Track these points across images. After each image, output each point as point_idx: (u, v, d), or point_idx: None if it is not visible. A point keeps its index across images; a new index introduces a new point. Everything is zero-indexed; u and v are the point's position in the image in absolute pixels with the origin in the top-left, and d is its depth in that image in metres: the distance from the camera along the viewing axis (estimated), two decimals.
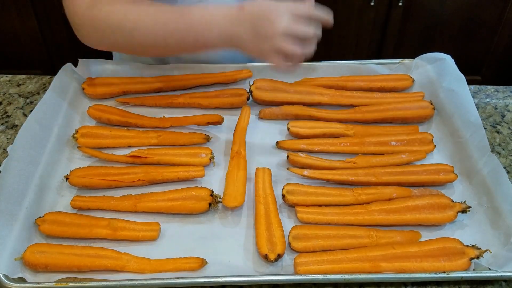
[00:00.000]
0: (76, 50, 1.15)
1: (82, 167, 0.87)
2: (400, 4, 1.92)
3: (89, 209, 0.81)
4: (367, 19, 2.00)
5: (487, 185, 0.82)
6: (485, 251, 0.72)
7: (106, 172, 0.85)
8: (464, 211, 0.78)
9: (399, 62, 1.07)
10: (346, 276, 0.69)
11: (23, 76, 1.11)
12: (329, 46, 2.10)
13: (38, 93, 1.06)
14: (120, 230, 0.77)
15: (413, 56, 1.08)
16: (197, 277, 0.70)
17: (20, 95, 1.06)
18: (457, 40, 2.06)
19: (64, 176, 0.84)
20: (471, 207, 0.79)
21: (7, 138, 0.95)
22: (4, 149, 0.93)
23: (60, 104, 0.95)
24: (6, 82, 1.10)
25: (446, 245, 0.73)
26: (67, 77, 1.00)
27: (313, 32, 0.78)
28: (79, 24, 0.87)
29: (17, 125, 0.98)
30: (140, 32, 0.83)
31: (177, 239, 0.78)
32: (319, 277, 0.69)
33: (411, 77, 1.04)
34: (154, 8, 0.83)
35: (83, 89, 1.01)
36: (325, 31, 0.80)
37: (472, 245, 0.73)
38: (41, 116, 0.89)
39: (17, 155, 0.82)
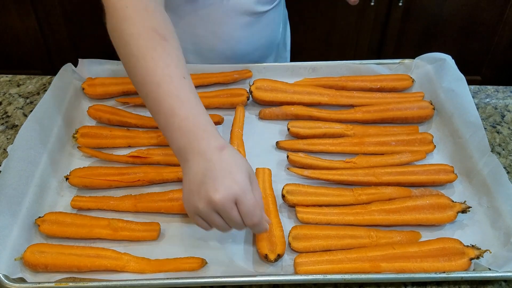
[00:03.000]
0: (76, 50, 1.15)
1: (82, 167, 0.87)
2: (400, 4, 1.92)
3: (89, 209, 0.81)
4: (367, 19, 2.00)
5: (487, 185, 0.82)
6: (485, 251, 0.72)
7: (106, 172, 0.85)
8: (464, 211, 0.78)
9: (399, 62, 1.07)
10: (346, 276, 0.69)
11: (23, 76, 1.11)
12: (329, 46, 2.10)
13: (38, 93, 1.06)
14: (120, 230, 0.77)
15: (413, 56, 1.08)
16: (197, 277, 0.70)
17: (20, 95, 1.06)
18: (457, 40, 2.06)
19: (64, 176, 0.84)
20: (471, 207, 0.79)
21: (7, 138, 0.95)
22: (4, 149, 0.93)
23: (60, 104, 0.95)
24: (6, 82, 1.10)
25: (446, 245, 0.73)
26: (67, 77, 1.00)
27: (235, 225, 0.67)
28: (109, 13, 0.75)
29: (17, 125, 0.98)
30: (133, 71, 0.71)
31: (177, 239, 0.78)
32: (319, 277, 0.69)
33: (411, 77, 1.04)
34: (162, 64, 0.69)
35: (83, 89, 1.01)
36: (326, 31, 0.80)
37: (472, 245, 0.73)
38: (41, 116, 0.89)
39: (17, 155, 0.82)
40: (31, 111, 0.89)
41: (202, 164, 0.65)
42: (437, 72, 1.02)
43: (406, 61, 1.07)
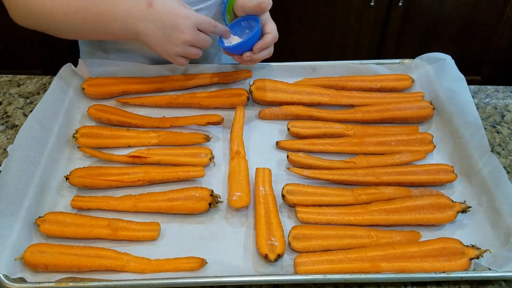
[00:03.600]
0: (76, 50, 1.15)
1: (82, 167, 0.87)
2: (400, 4, 1.92)
3: (89, 209, 0.81)
4: (367, 19, 2.00)
5: (487, 185, 0.82)
6: (485, 251, 0.72)
7: (106, 172, 0.85)
8: (464, 211, 0.78)
9: (399, 62, 1.07)
10: (346, 276, 0.69)
11: (23, 76, 1.11)
12: (329, 46, 2.11)
13: (38, 93, 1.06)
14: (120, 230, 0.77)
15: (413, 56, 1.08)
16: (197, 277, 0.70)
17: (20, 95, 1.06)
18: (457, 40, 2.06)
19: (64, 176, 0.84)
20: (471, 207, 0.79)
21: (7, 138, 0.95)
22: (4, 149, 0.93)
23: (60, 104, 0.95)
24: (6, 82, 1.10)
25: (446, 245, 0.73)
26: (67, 77, 1.00)
27: (210, 41, 0.90)
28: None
29: (17, 125, 0.98)
30: (55, 18, 0.88)
31: (177, 239, 0.78)
32: (319, 277, 0.69)
33: (411, 77, 1.04)
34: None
35: (83, 89, 1.01)
36: (326, 31, 0.81)
37: (472, 245, 0.73)
38: (41, 116, 0.89)
39: (17, 155, 0.82)
40: (31, 111, 0.89)
41: (152, 25, 0.85)
42: (437, 72, 1.02)
43: (406, 61, 1.07)
